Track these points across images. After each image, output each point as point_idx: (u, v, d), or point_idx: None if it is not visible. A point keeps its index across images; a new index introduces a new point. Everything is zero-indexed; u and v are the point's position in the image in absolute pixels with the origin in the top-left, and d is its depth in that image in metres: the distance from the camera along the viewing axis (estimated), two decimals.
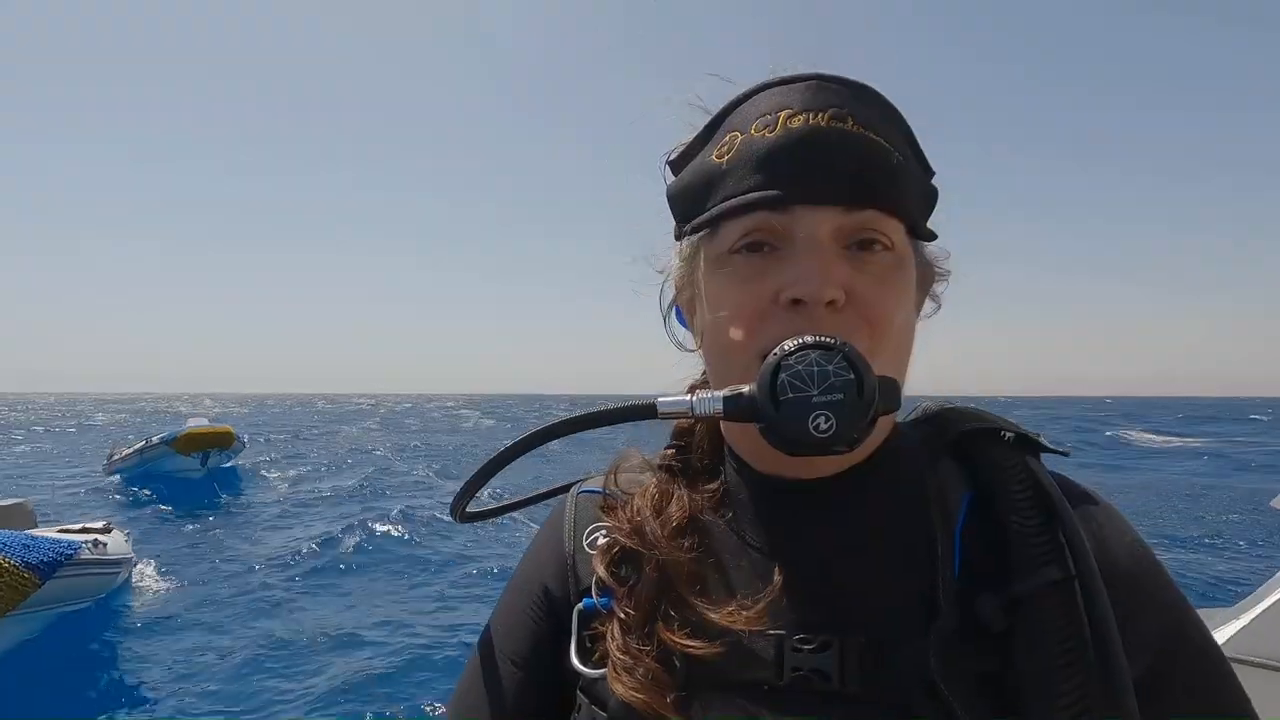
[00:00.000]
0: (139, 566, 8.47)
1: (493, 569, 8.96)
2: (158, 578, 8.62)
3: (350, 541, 10.54)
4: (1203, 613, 0.61)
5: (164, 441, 15.32)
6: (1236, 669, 0.56)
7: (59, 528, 7.16)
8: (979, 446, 0.61)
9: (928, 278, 0.64)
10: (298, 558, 9.68)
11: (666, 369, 0.73)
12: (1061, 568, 0.52)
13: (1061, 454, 0.62)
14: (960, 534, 0.57)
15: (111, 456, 17.59)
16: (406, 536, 10.95)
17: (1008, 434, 0.61)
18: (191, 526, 11.74)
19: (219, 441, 15.83)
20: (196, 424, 16.62)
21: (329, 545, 10.31)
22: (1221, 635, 1.94)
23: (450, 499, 0.71)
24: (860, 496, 0.59)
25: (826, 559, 0.58)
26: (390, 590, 8.39)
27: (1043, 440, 0.61)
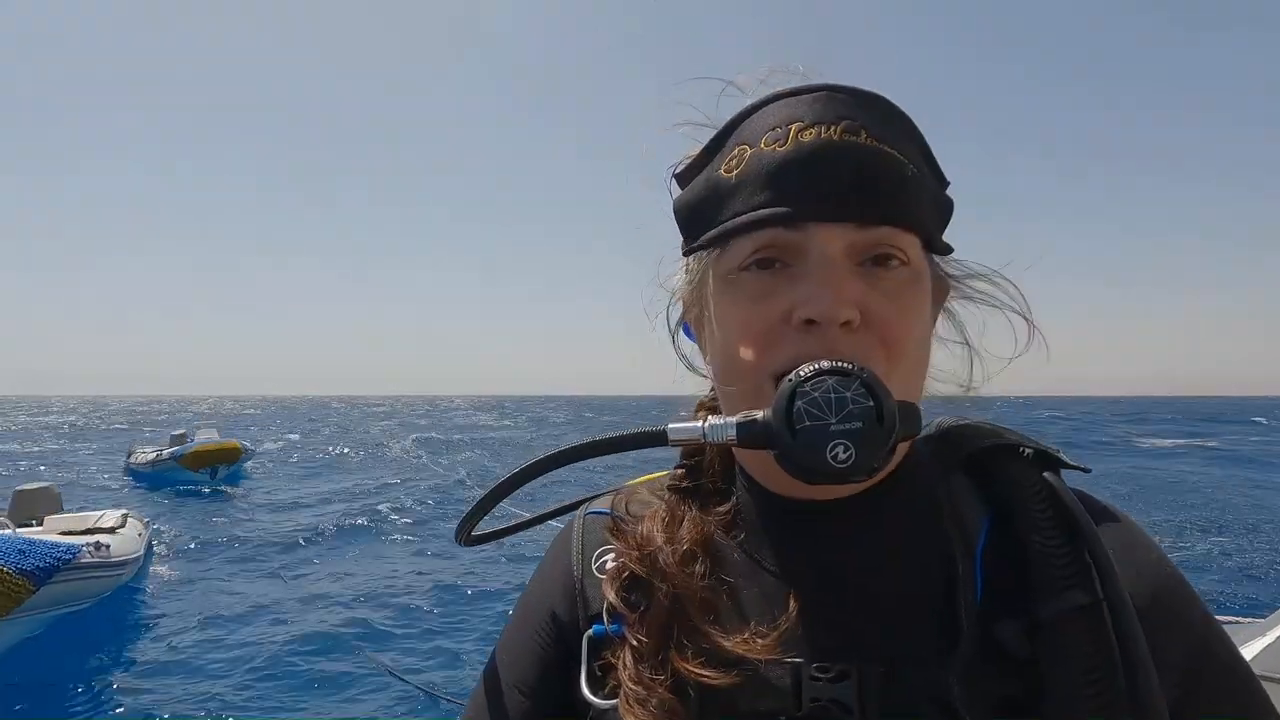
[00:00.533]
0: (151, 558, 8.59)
1: (497, 557, 9.07)
2: (165, 572, 8.71)
3: (360, 533, 10.69)
4: (1230, 628, 0.60)
5: (173, 458, 16.04)
6: (1266, 686, 0.55)
7: (62, 530, 7.17)
8: (997, 463, 0.59)
9: (942, 291, 0.63)
10: (305, 549, 9.76)
11: (657, 371, 0.72)
12: (1088, 591, 0.51)
13: (1083, 470, 0.61)
14: (981, 555, 0.56)
15: (129, 457, 18.31)
16: (417, 524, 11.15)
17: (1026, 450, 0.59)
18: (201, 524, 11.86)
19: (226, 457, 16.42)
20: (206, 438, 17.21)
21: (340, 537, 10.46)
22: (1249, 651, 1.92)
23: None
24: (876, 517, 0.57)
25: (842, 582, 0.56)
26: (399, 581, 8.44)
27: (1062, 456, 0.59)
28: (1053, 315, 0.63)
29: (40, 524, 7.36)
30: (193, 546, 10.01)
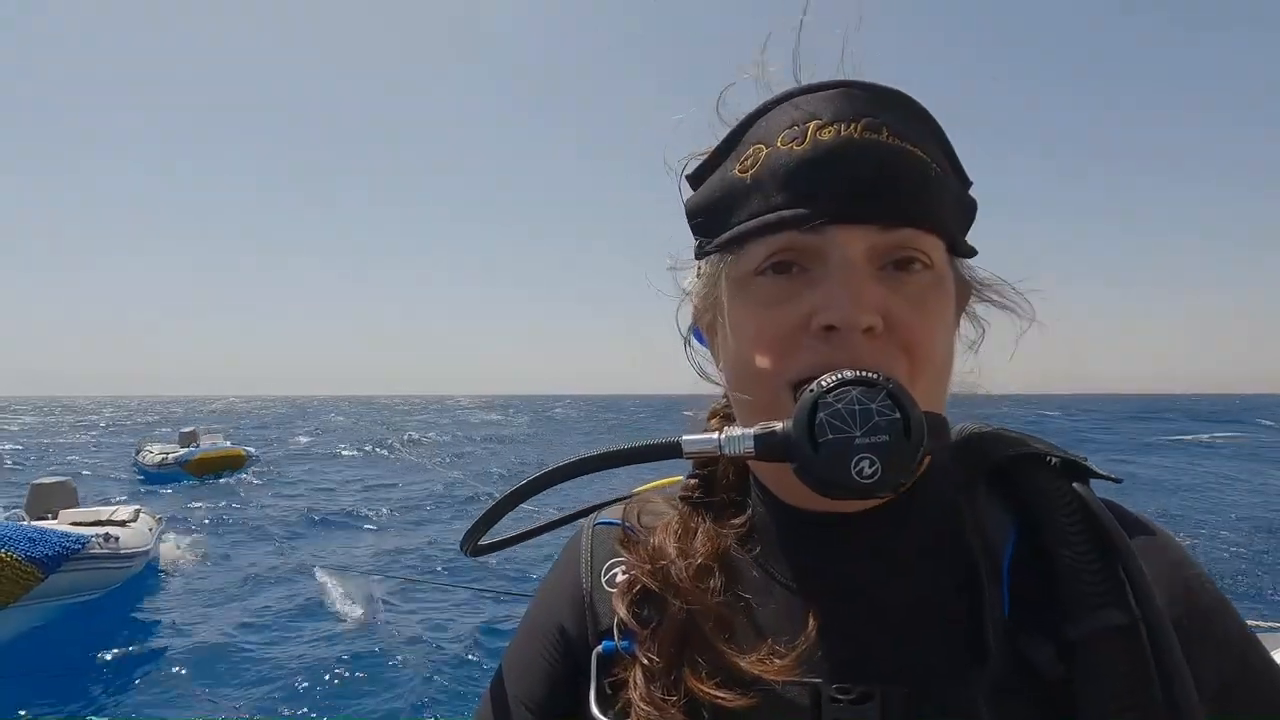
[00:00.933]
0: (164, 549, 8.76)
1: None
2: (175, 567, 8.80)
3: (369, 529, 10.77)
4: (1263, 635, 0.58)
5: (179, 463, 16.51)
6: None
7: (73, 522, 7.25)
8: (1023, 472, 0.57)
9: (965, 296, 0.61)
10: (310, 546, 9.82)
11: (657, 372, 0.70)
12: (1124, 610, 0.48)
13: (1113, 481, 0.58)
14: (1008, 569, 0.54)
15: (138, 454, 18.75)
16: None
17: (1053, 459, 0.57)
18: (211, 520, 11.97)
19: (230, 464, 16.98)
20: (211, 445, 17.58)
21: (346, 535, 10.54)
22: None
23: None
24: (898, 530, 0.55)
25: (862, 597, 0.54)
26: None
27: (1091, 465, 0.57)
28: (1052, 315, 0.62)
29: (55, 517, 7.45)
30: (203, 541, 10.13)
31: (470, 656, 6.14)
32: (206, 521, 11.59)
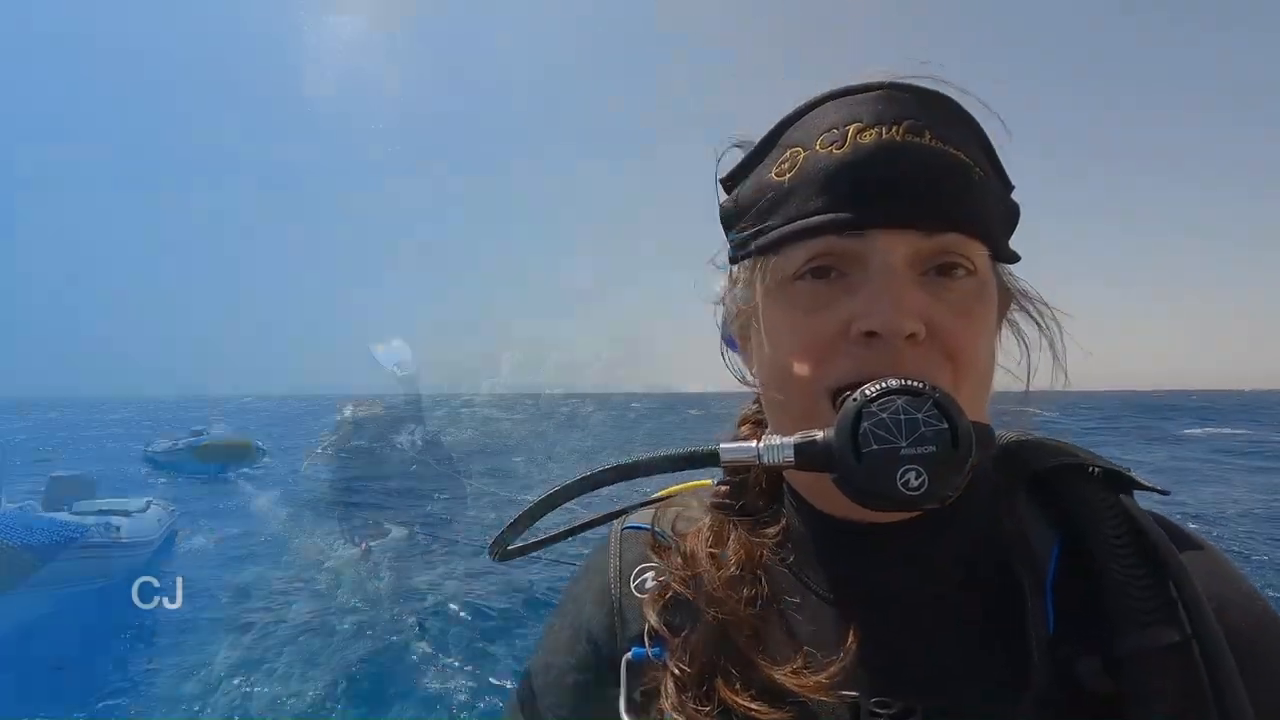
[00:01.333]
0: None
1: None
2: (183, 558, 8.89)
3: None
4: None
5: (188, 448, 16.91)
6: None
7: (78, 511, 7.30)
8: (1064, 483, 0.55)
9: (1006, 303, 0.59)
10: (313, 540, 9.84)
11: (651, 371, 0.69)
12: (1175, 627, 0.47)
13: (1161, 493, 0.57)
14: (1052, 583, 0.52)
15: (147, 446, 19.12)
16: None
17: (1095, 469, 0.55)
18: (219, 514, 12.02)
19: (237, 454, 17.17)
20: (220, 435, 17.82)
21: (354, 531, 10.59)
22: None
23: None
24: (937, 540, 0.54)
25: (901, 610, 0.53)
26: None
27: (1135, 476, 0.55)
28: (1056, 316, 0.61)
29: (70, 509, 7.52)
30: (211, 535, 10.18)
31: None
32: (214, 512, 11.68)
